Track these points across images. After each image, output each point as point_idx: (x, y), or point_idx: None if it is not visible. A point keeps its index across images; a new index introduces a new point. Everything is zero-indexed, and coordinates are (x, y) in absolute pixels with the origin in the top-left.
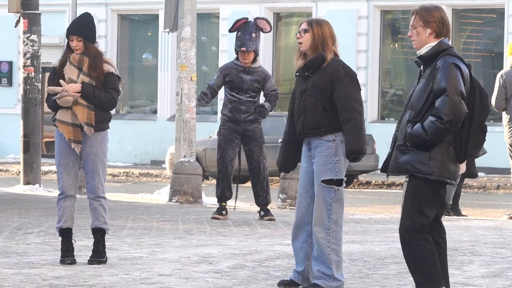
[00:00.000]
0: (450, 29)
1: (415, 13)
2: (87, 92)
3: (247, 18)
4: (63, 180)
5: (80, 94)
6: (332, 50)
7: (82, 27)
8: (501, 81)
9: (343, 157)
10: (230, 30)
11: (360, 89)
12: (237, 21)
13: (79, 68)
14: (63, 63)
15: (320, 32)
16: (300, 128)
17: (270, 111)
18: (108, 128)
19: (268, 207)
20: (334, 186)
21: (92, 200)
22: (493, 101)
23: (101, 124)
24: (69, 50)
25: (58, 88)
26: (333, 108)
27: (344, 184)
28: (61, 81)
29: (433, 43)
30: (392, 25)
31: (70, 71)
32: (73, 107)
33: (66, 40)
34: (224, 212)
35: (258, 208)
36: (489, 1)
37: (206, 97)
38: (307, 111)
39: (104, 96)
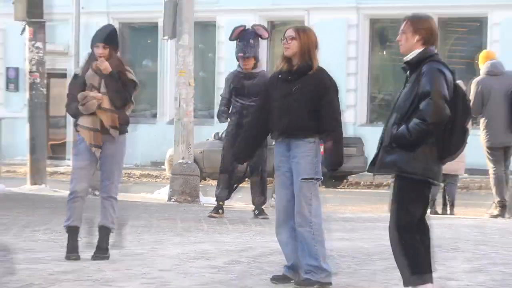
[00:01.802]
0: (438, 39)
1: (407, 20)
2: (113, 75)
3: (245, 26)
4: (77, 181)
5: (102, 98)
6: (316, 58)
7: (109, 36)
8: (478, 88)
9: (320, 158)
10: (230, 38)
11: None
12: (235, 28)
13: (102, 75)
14: (86, 69)
15: (307, 40)
16: (282, 128)
17: None
18: (127, 131)
19: (263, 207)
20: (312, 181)
21: (104, 199)
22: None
23: (122, 126)
24: (92, 58)
25: (90, 92)
26: (318, 113)
27: (320, 182)
28: (84, 92)
29: (419, 49)
30: (381, 34)
31: (92, 78)
32: (97, 112)
33: (88, 52)
34: (220, 210)
35: (253, 207)
36: (472, 10)
37: (225, 113)
38: (292, 113)
39: (123, 89)
